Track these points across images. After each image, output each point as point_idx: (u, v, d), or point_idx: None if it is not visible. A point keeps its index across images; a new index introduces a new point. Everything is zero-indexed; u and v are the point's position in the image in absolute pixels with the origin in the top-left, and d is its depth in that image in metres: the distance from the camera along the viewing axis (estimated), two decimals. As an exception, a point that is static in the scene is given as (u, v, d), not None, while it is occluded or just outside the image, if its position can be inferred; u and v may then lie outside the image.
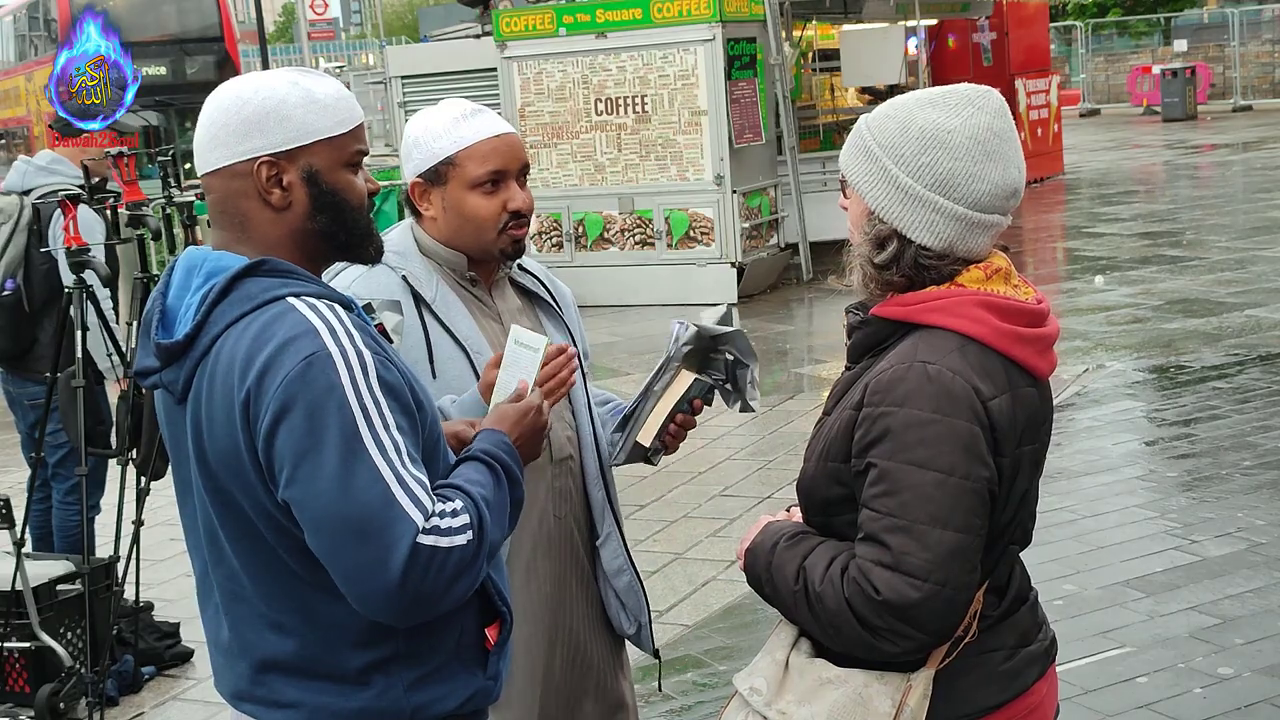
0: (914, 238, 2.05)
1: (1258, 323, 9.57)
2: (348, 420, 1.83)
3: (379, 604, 1.85)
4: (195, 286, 1.95)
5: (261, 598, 1.98)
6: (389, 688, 1.97)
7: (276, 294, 1.91)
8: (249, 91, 1.99)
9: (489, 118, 2.62)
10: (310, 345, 1.85)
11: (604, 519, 2.77)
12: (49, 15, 20.90)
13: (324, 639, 1.97)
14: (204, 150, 2.00)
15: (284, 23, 64.29)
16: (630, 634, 2.85)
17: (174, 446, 2.05)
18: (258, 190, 1.97)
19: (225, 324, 1.90)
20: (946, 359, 2.00)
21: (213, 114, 2.00)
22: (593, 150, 12.67)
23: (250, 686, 2.04)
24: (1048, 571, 5.17)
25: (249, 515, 1.92)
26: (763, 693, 2.09)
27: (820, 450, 2.12)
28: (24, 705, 4.82)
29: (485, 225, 2.59)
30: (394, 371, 1.93)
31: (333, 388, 1.83)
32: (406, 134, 2.65)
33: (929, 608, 1.93)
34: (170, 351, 1.93)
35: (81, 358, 4.88)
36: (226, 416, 1.88)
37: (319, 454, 1.82)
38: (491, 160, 2.57)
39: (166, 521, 6.71)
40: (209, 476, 1.94)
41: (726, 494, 6.78)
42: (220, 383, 1.88)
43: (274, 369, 1.84)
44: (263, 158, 1.96)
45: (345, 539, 1.83)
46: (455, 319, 2.59)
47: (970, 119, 2.03)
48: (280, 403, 1.83)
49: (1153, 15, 36.83)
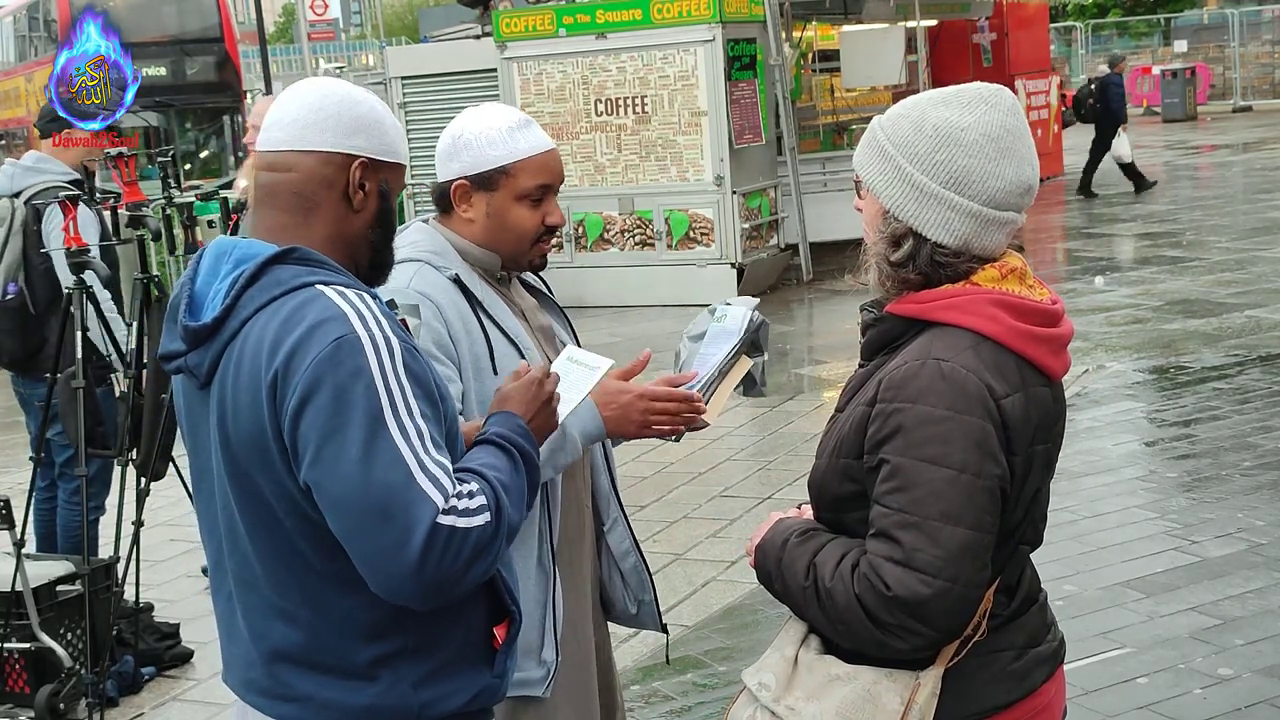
0: (929, 235, 2.06)
1: (1258, 323, 9.57)
2: (373, 403, 1.85)
3: (399, 585, 1.86)
4: (224, 272, 1.98)
5: (273, 586, 1.99)
6: (396, 683, 1.98)
7: (306, 280, 1.94)
8: (358, 94, 2.07)
9: (539, 131, 2.67)
10: (340, 328, 1.88)
11: (609, 505, 2.84)
12: (49, 15, 20.89)
13: (333, 630, 1.97)
14: (301, 129, 2.02)
15: (284, 23, 64.27)
16: (633, 614, 2.90)
17: (193, 434, 2.06)
18: (345, 185, 2.03)
19: (254, 308, 1.92)
20: (960, 356, 2.00)
21: (317, 101, 2.04)
22: (593, 151, 12.68)
23: (260, 677, 2.05)
24: (1048, 571, 5.12)
25: (269, 500, 1.93)
26: (771, 688, 2.09)
27: (832, 446, 2.13)
28: (24, 706, 4.82)
29: (525, 237, 2.64)
30: (420, 361, 1.95)
31: (360, 371, 1.86)
32: (453, 133, 2.65)
33: (939, 604, 1.94)
34: (198, 334, 1.95)
35: (81, 358, 4.88)
36: (253, 398, 1.90)
37: (344, 435, 1.84)
38: (543, 175, 2.62)
39: (166, 522, 6.73)
40: (231, 460, 1.95)
41: (726, 494, 6.78)
42: (248, 364, 1.90)
43: (303, 350, 1.86)
44: (363, 158, 2.03)
45: (367, 519, 1.84)
46: (503, 318, 2.64)
47: (984, 116, 2.04)
48: (308, 384, 1.85)
49: (1153, 16, 36.87)
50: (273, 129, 2.05)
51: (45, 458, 5.61)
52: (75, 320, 4.86)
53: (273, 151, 2.04)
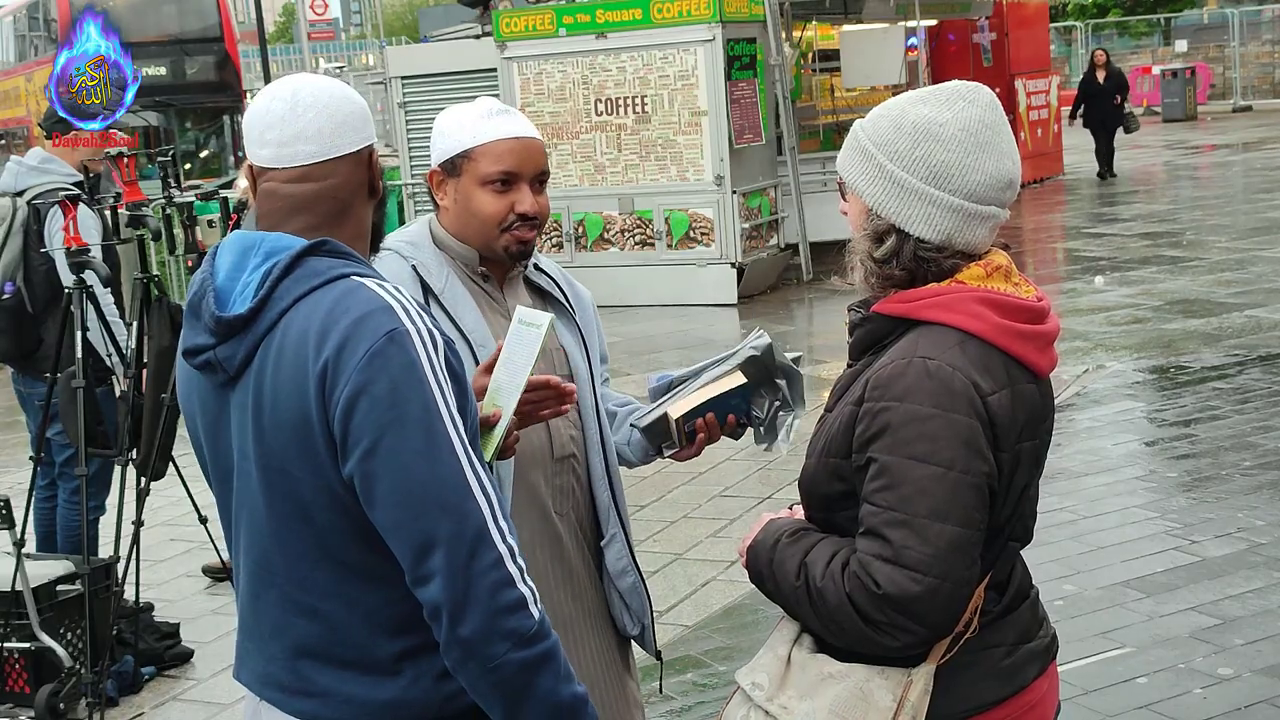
0: (912, 231, 2.07)
1: (1258, 323, 9.57)
2: (429, 396, 1.86)
3: (441, 577, 1.85)
4: (254, 265, 1.96)
5: (295, 582, 1.98)
6: (419, 677, 1.97)
7: (342, 272, 1.93)
8: (338, 88, 2.05)
9: (513, 119, 2.64)
10: (390, 321, 1.88)
11: (609, 520, 2.77)
12: (49, 15, 20.89)
13: (358, 624, 1.97)
14: (335, 135, 2.01)
15: (284, 23, 64.28)
16: (634, 635, 2.85)
17: (212, 432, 2.04)
18: (369, 178, 2.05)
19: (292, 299, 1.91)
20: (946, 354, 2.01)
21: (329, 103, 2.02)
22: (593, 150, 12.68)
23: (279, 672, 2.03)
24: (1048, 571, 5.17)
25: (302, 494, 1.92)
26: (764, 688, 2.10)
27: (821, 446, 2.14)
28: (24, 705, 4.82)
29: (489, 223, 2.60)
30: (458, 355, 1.97)
31: (414, 364, 1.87)
32: (435, 125, 2.68)
33: (929, 601, 1.94)
34: (231, 325, 1.93)
35: (81, 358, 4.88)
36: (297, 388, 1.88)
37: (403, 428, 1.84)
38: (505, 160, 2.59)
39: (166, 521, 6.73)
40: (264, 454, 1.94)
41: (726, 494, 6.78)
42: (291, 355, 1.89)
43: (355, 341, 1.86)
44: (371, 145, 2.06)
45: (424, 510, 1.85)
46: (461, 311, 2.61)
47: (961, 112, 2.06)
48: (364, 376, 1.85)
49: (1153, 15, 36.88)
50: (297, 143, 2.00)
51: (45, 457, 5.61)
52: (75, 320, 4.87)
53: (304, 165, 2.00)
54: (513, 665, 1.86)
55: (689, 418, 2.64)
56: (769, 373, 2.64)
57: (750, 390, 2.64)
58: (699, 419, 2.64)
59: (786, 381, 2.65)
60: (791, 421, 2.66)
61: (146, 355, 5.02)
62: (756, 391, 2.65)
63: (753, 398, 2.65)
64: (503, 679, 1.87)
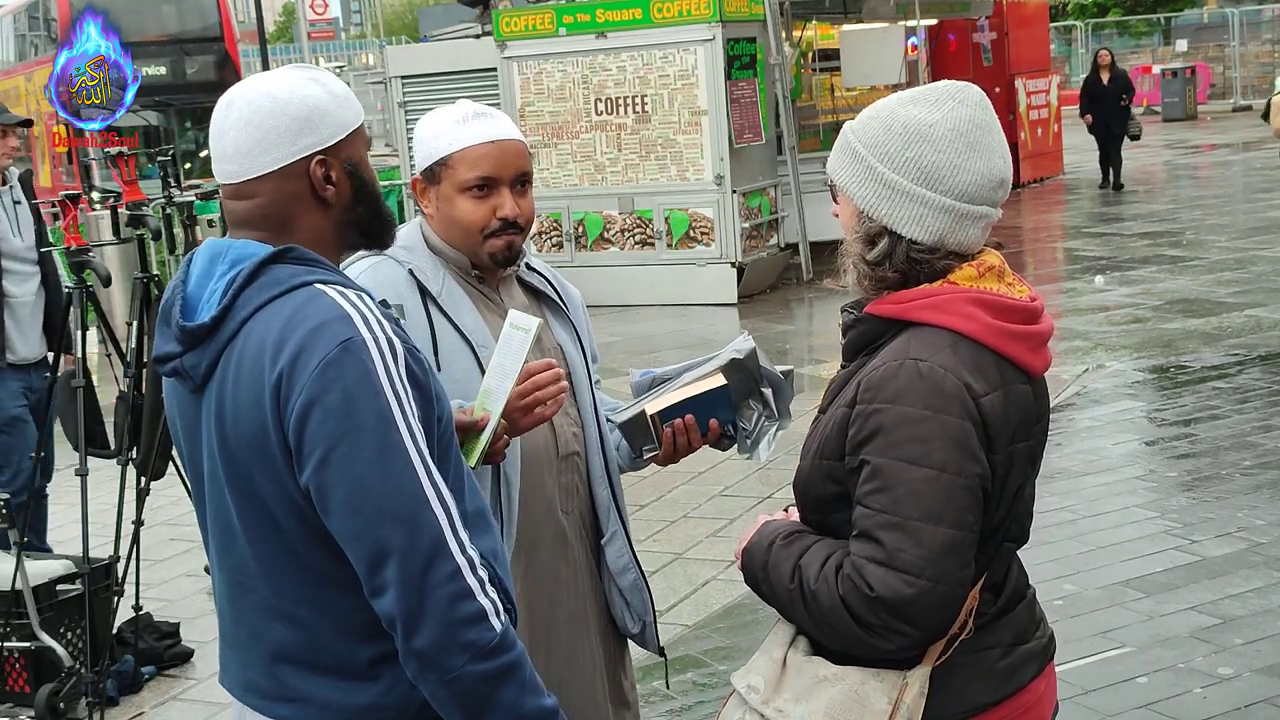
0: (904, 232, 2.07)
1: (1258, 323, 9.57)
2: (383, 406, 1.85)
3: (394, 589, 1.85)
4: (220, 273, 1.95)
5: (270, 587, 1.98)
6: (397, 681, 1.96)
7: (304, 280, 1.92)
8: (281, 92, 1.97)
9: (491, 122, 2.61)
10: (346, 330, 1.86)
11: (609, 518, 2.77)
12: (49, 15, 20.89)
13: (332, 630, 1.97)
14: (249, 156, 1.96)
15: (284, 23, 64.29)
16: (635, 633, 2.85)
17: (189, 438, 2.04)
18: (311, 189, 1.98)
19: (253, 308, 1.90)
20: (938, 356, 2.00)
21: (251, 118, 1.96)
22: (593, 150, 12.68)
23: (259, 678, 2.04)
24: (1048, 571, 5.17)
25: (267, 502, 1.92)
26: (760, 690, 2.10)
27: (815, 448, 2.14)
28: (24, 705, 4.82)
29: (472, 229, 2.59)
30: (421, 363, 1.94)
31: (368, 374, 1.85)
32: (415, 132, 2.67)
33: (923, 604, 1.94)
34: (195, 335, 1.93)
35: (81, 358, 4.88)
36: (255, 399, 1.88)
37: (356, 438, 1.83)
38: (481, 166, 2.57)
39: (166, 521, 6.73)
40: (229, 462, 1.93)
41: (726, 494, 6.78)
42: (249, 365, 1.88)
43: (309, 352, 1.84)
44: (317, 155, 1.97)
45: (377, 521, 1.84)
46: (460, 313, 2.60)
47: (951, 112, 2.05)
48: (317, 386, 1.83)
49: (1153, 15, 36.88)
50: (221, 162, 1.98)
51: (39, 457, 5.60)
52: (75, 320, 4.86)
53: (230, 185, 1.99)
54: (471, 677, 1.85)
55: (666, 416, 2.63)
56: (753, 379, 2.64)
57: (734, 396, 2.63)
58: (677, 419, 2.64)
59: (772, 391, 2.65)
60: (775, 431, 2.65)
61: (146, 355, 5.02)
62: (744, 404, 2.64)
63: (740, 409, 2.65)
64: (461, 691, 1.86)
